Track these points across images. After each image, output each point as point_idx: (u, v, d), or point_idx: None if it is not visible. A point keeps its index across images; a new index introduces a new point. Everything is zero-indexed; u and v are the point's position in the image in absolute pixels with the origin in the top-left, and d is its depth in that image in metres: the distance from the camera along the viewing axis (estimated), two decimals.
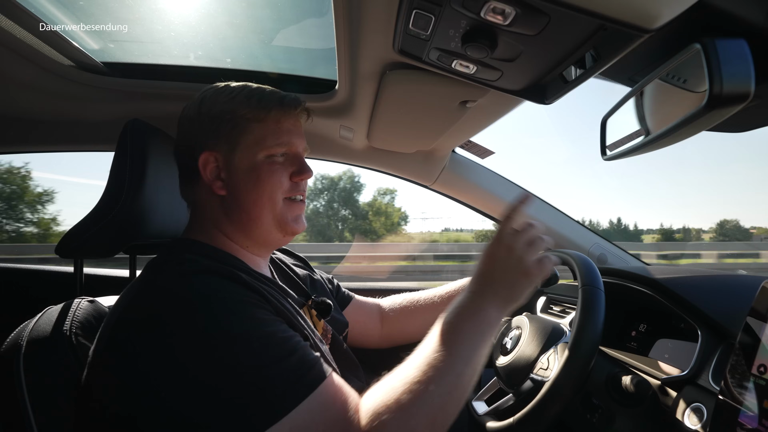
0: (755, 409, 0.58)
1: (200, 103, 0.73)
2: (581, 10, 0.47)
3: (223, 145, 0.71)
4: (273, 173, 0.71)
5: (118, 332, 0.58)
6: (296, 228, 0.76)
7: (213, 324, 0.55)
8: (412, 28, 0.61)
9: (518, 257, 0.68)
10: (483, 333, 0.63)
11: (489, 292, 0.67)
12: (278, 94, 0.74)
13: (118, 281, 1.47)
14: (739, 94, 0.46)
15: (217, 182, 0.72)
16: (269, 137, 0.71)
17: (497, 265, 0.68)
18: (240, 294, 0.60)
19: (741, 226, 31.04)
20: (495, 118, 1.03)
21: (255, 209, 0.72)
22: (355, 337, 1.05)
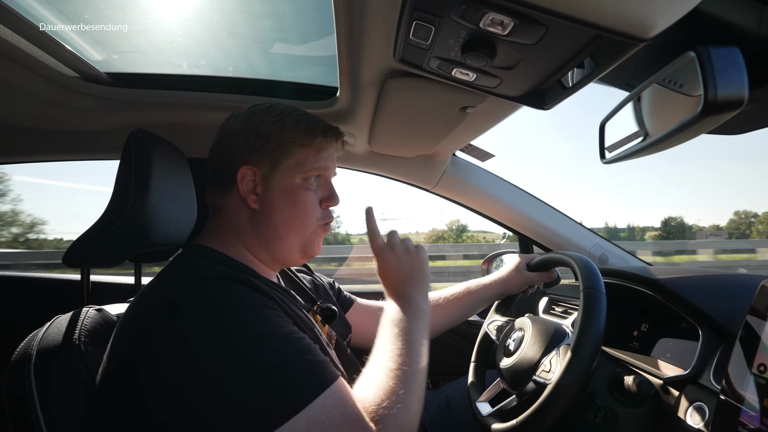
0: (757, 407, 0.59)
1: (248, 118, 0.75)
2: (578, 20, 0.48)
3: (265, 163, 0.73)
4: (307, 198, 0.75)
5: (136, 337, 0.59)
6: (315, 252, 0.79)
7: (231, 325, 0.56)
8: (413, 38, 0.62)
9: (403, 249, 0.83)
10: (423, 319, 0.75)
11: (408, 288, 0.79)
12: (323, 123, 0.77)
13: (124, 288, 1.48)
14: (733, 101, 0.47)
15: (251, 195, 0.73)
16: (309, 161, 0.75)
17: (396, 268, 0.81)
18: (255, 298, 0.62)
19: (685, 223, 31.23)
20: (494, 123, 1.04)
21: (285, 229, 0.74)
22: (358, 339, 1.06)
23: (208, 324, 0.56)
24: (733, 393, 0.62)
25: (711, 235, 21.93)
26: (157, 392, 0.54)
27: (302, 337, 0.61)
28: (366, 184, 31.96)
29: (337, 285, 1.12)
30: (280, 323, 0.60)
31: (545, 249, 1.54)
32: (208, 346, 0.54)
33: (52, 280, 1.58)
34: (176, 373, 0.54)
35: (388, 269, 0.81)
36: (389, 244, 0.84)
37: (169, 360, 0.54)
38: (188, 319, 0.56)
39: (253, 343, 0.56)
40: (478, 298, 1.09)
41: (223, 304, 0.58)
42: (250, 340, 0.56)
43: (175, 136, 1.06)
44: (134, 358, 0.58)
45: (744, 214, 32.81)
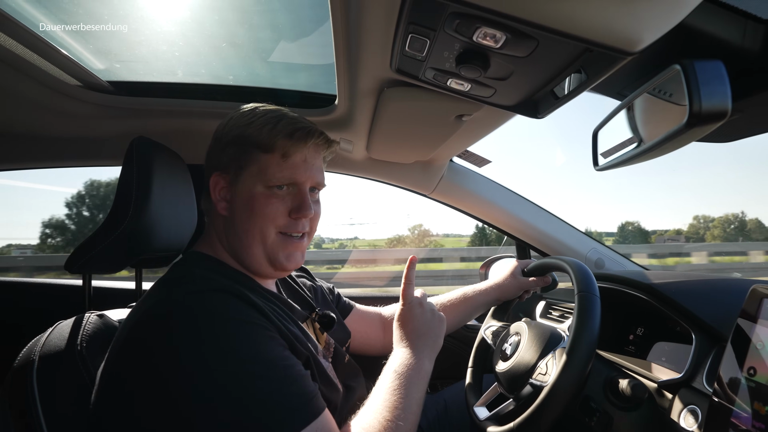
0: (748, 409, 0.60)
1: (226, 123, 0.75)
2: (567, 35, 0.50)
3: (232, 169, 0.72)
4: (268, 206, 0.70)
5: (130, 346, 0.60)
6: (287, 265, 0.74)
7: (222, 345, 0.57)
8: (409, 50, 0.64)
9: (430, 310, 0.86)
10: (423, 380, 0.76)
11: (420, 346, 0.81)
12: (290, 125, 0.71)
13: (125, 294, 1.49)
14: (717, 113, 0.48)
15: (222, 203, 0.74)
16: (271, 170, 0.70)
17: (417, 322, 0.83)
18: (249, 315, 0.62)
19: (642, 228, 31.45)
20: (490, 130, 1.05)
21: (247, 238, 0.72)
22: (357, 346, 1.06)
23: (198, 344, 0.56)
24: (724, 395, 0.64)
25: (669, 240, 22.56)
26: (146, 403, 0.55)
27: (292, 364, 0.62)
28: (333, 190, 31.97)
29: (337, 290, 1.13)
30: (271, 348, 0.61)
31: (542, 254, 1.55)
32: (197, 367, 0.55)
33: (54, 286, 1.59)
34: (161, 389, 0.55)
35: (409, 319, 0.84)
36: (420, 298, 0.87)
37: (156, 375, 0.55)
38: (180, 338, 0.57)
39: (242, 370, 0.56)
40: (475, 304, 1.10)
41: (214, 323, 0.58)
42: (239, 366, 0.56)
43: (176, 143, 1.07)
44: (127, 370, 0.59)
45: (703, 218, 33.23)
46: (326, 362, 0.80)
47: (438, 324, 0.85)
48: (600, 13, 0.47)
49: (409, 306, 0.85)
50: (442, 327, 0.86)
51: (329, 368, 0.79)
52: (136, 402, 0.56)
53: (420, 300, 0.86)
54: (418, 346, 0.80)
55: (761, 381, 0.59)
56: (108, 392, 0.60)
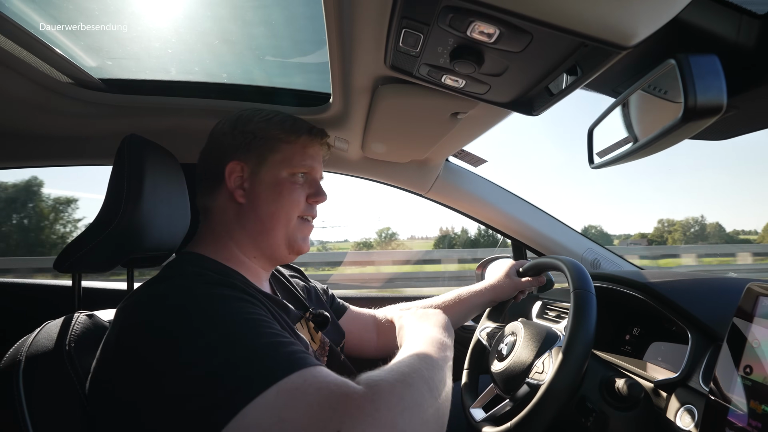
0: (744, 408, 0.59)
1: (236, 119, 0.79)
2: (561, 29, 0.50)
3: (252, 158, 0.76)
4: (293, 191, 0.77)
5: (123, 341, 0.59)
6: (302, 247, 0.81)
7: (215, 324, 0.55)
8: (402, 46, 0.63)
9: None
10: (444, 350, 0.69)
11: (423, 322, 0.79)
12: (308, 123, 0.82)
13: (116, 294, 1.47)
14: (712, 107, 0.48)
15: (238, 190, 0.76)
16: (296, 158, 0.78)
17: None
18: (242, 299, 0.62)
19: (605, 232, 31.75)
20: (486, 129, 1.05)
21: (271, 221, 0.77)
22: (351, 348, 1.06)
23: (190, 329, 0.55)
24: (721, 394, 0.63)
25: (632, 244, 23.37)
26: (138, 394, 0.54)
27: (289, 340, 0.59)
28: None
29: (331, 291, 1.12)
30: (265, 320, 0.59)
31: (538, 254, 1.55)
32: (191, 341, 0.53)
33: (43, 286, 1.57)
34: (156, 378, 0.52)
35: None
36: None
37: (150, 366, 0.54)
38: (171, 325, 0.55)
39: (232, 329, 0.54)
40: (470, 305, 1.10)
41: (208, 302, 0.58)
42: (229, 328, 0.54)
43: (169, 141, 1.06)
44: (118, 365, 0.57)
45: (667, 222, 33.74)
46: (321, 362, 0.79)
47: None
48: (594, 7, 0.46)
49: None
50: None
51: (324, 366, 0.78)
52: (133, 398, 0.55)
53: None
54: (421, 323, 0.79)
55: (757, 379, 0.59)
56: (102, 392, 0.59)
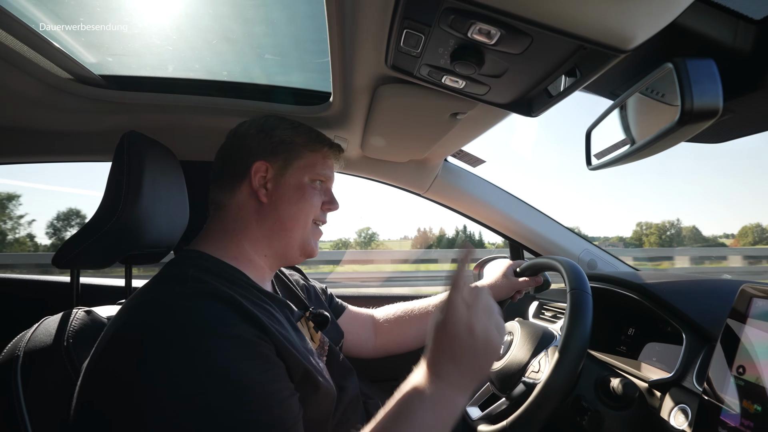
0: (737, 408, 0.60)
1: (263, 124, 0.83)
2: (561, 32, 0.50)
3: (278, 161, 0.80)
4: (313, 196, 0.81)
5: (108, 351, 0.58)
6: (313, 251, 0.84)
7: (203, 361, 0.55)
8: (403, 46, 0.64)
9: (484, 336, 0.60)
10: (447, 425, 0.58)
11: (455, 375, 0.59)
12: (329, 138, 0.87)
13: (114, 291, 1.47)
14: (708, 111, 0.49)
15: (262, 190, 0.78)
16: (318, 166, 0.83)
17: (460, 348, 0.60)
18: (236, 327, 0.60)
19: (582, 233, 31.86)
20: (485, 129, 1.06)
21: (290, 222, 0.79)
22: (349, 348, 1.06)
23: (178, 354, 0.55)
24: (714, 394, 0.64)
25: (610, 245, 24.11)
26: (116, 408, 0.54)
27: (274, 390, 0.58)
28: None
29: (330, 291, 1.13)
30: (253, 367, 0.58)
31: (535, 254, 1.56)
32: (171, 377, 0.53)
33: (41, 282, 1.57)
34: (136, 395, 0.53)
35: (449, 339, 0.60)
36: (470, 313, 0.61)
37: (131, 381, 0.54)
38: (160, 345, 0.55)
39: (221, 390, 0.54)
40: None
41: (199, 335, 0.57)
42: (215, 384, 0.54)
43: (169, 138, 1.06)
44: (102, 372, 0.58)
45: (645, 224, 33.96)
46: (321, 363, 0.79)
47: (490, 354, 0.61)
48: (594, 11, 0.47)
49: (453, 325, 0.60)
50: (494, 356, 0.62)
51: (324, 370, 0.78)
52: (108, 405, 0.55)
53: (471, 319, 0.60)
54: (452, 376, 0.59)
55: (750, 380, 0.60)
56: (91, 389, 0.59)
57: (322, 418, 0.71)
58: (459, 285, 0.62)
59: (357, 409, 0.87)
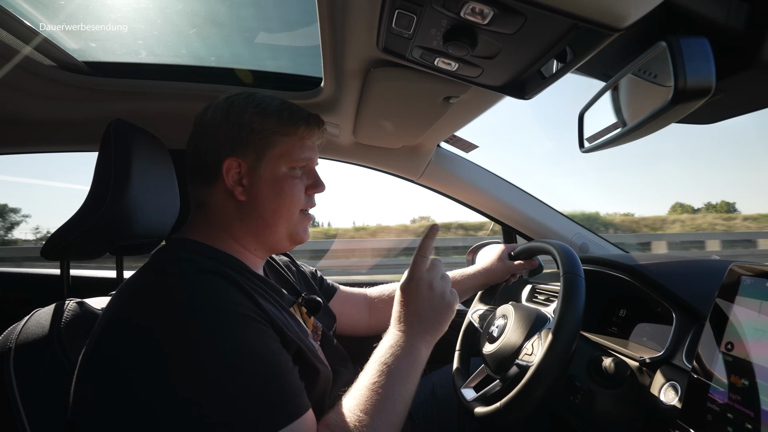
0: (725, 383, 0.62)
1: (228, 108, 0.74)
2: (554, 10, 0.50)
3: (249, 154, 0.73)
4: (294, 187, 0.75)
5: (107, 336, 0.58)
6: (303, 238, 0.80)
7: (204, 337, 0.55)
8: (395, 28, 0.63)
9: (441, 293, 0.75)
10: (416, 370, 0.70)
11: (418, 329, 0.73)
12: (305, 112, 0.78)
13: (105, 282, 1.46)
14: (701, 89, 0.49)
15: (238, 188, 0.73)
16: (294, 151, 0.75)
17: (421, 302, 0.74)
18: (236, 302, 0.60)
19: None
20: (478, 113, 1.05)
21: (273, 218, 0.75)
22: (342, 328, 1.06)
23: (178, 334, 0.55)
24: (703, 371, 0.66)
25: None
26: (117, 397, 0.54)
27: (278, 361, 0.60)
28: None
29: (320, 273, 1.12)
30: (255, 338, 0.59)
31: (528, 238, 1.57)
32: (172, 358, 0.54)
33: (30, 275, 1.55)
34: (136, 381, 0.53)
35: (414, 297, 0.75)
36: (429, 275, 0.76)
37: (132, 366, 0.54)
38: (159, 327, 0.55)
39: (220, 361, 0.54)
40: (463, 288, 1.11)
41: (197, 312, 0.57)
42: (217, 357, 0.55)
43: (156, 127, 1.04)
44: (101, 360, 0.57)
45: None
46: (316, 345, 0.80)
47: (446, 310, 0.75)
48: None
49: (416, 282, 0.75)
50: (449, 313, 0.76)
51: (319, 350, 0.79)
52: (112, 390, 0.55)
53: (430, 279, 0.76)
54: (416, 330, 0.73)
55: (738, 356, 0.61)
56: (92, 376, 0.59)
57: (317, 399, 0.72)
58: (425, 253, 0.77)
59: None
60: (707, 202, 19.83)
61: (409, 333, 0.73)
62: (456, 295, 0.78)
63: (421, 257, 0.76)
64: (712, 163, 74.25)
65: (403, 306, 0.75)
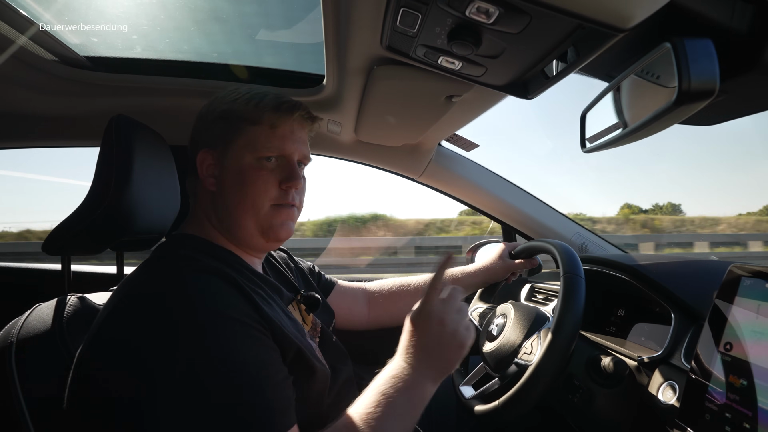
0: (723, 383, 0.62)
1: (211, 102, 0.75)
2: (560, 10, 0.50)
3: (219, 144, 0.72)
4: (259, 178, 0.71)
5: (106, 331, 0.59)
6: (279, 234, 0.74)
7: (195, 342, 0.55)
8: (400, 26, 0.63)
9: (452, 330, 0.69)
10: (417, 408, 0.65)
11: (424, 365, 0.67)
12: (276, 99, 0.73)
13: (106, 278, 1.46)
14: (705, 91, 0.49)
15: (209, 179, 0.73)
16: (261, 140, 0.71)
17: (430, 338, 0.69)
18: (232, 306, 0.60)
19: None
20: (479, 112, 1.05)
21: (237, 211, 0.72)
22: (341, 322, 1.06)
23: (174, 334, 0.55)
24: (701, 371, 0.66)
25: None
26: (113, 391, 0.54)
27: (267, 373, 0.59)
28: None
29: (317, 268, 1.12)
30: (248, 348, 0.58)
31: (528, 238, 1.58)
32: (166, 357, 0.54)
33: (31, 270, 1.54)
34: (130, 377, 0.53)
35: (423, 331, 0.69)
36: (443, 309, 0.70)
37: (126, 363, 0.54)
38: (156, 325, 0.55)
39: (212, 370, 0.54)
40: (463, 285, 1.12)
41: (195, 313, 0.57)
42: (209, 363, 0.54)
43: (158, 122, 1.04)
44: (99, 355, 0.58)
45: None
46: (314, 344, 0.80)
47: (456, 349, 0.69)
48: None
49: (427, 315, 0.69)
50: (460, 353, 0.70)
51: (317, 350, 0.79)
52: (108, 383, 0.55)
53: (443, 314, 0.69)
54: (422, 365, 0.67)
55: (736, 356, 0.62)
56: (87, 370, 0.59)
57: (316, 398, 0.72)
58: (437, 285, 0.71)
59: (351, 390, 0.88)
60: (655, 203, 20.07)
61: (415, 366, 0.67)
62: (471, 331, 0.72)
63: (433, 289, 0.70)
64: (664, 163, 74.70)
65: (411, 337, 0.70)
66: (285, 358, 0.64)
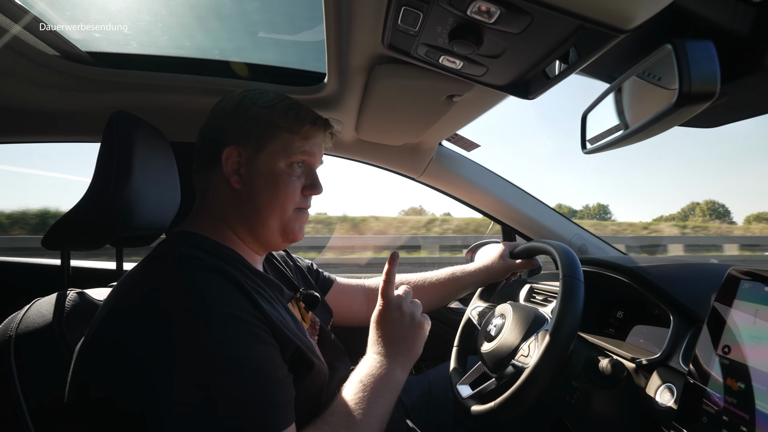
0: (720, 386, 0.62)
1: (240, 100, 0.76)
2: (562, 10, 0.50)
3: (251, 145, 0.74)
4: (289, 184, 0.75)
5: (106, 326, 0.59)
6: (297, 236, 0.79)
7: (195, 339, 0.55)
8: (401, 24, 0.63)
9: (410, 314, 0.82)
10: (391, 392, 0.74)
11: (393, 352, 0.79)
12: (314, 113, 0.78)
13: (105, 274, 1.46)
14: (706, 93, 0.49)
15: (234, 176, 0.74)
16: (295, 145, 0.75)
17: (393, 326, 0.81)
18: (232, 304, 0.60)
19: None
20: (480, 112, 1.05)
21: (265, 212, 0.75)
22: (340, 319, 1.06)
23: (175, 333, 0.55)
24: (699, 373, 0.66)
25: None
26: (112, 387, 0.54)
27: (267, 368, 0.59)
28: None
29: (316, 266, 1.12)
30: (249, 345, 0.59)
31: (527, 238, 1.58)
32: (167, 356, 0.54)
33: (30, 265, 1.55)
34: (130, 374, 0.53)
35: (386, 321, 0.82)
36: (399, 300, 0.84)
37: (126, 359, 0.54)
38: (157, 323, 0.55)
39: (212, 366, 0.54)
40: (463, 284, 1.12)
41: (196, 312, 0.57)
42: (209, 361, 0.54)
43: (158, 119, 1.04)
44: (98, 351, 0.58)
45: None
46: (313, 341, 0.80)
47: (417, 329, 0.82)
48: None
49: (387, 307, 0.83)
50: (421, 334, 0.82)
51: (316, 347, 0.79)
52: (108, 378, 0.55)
53: (399, 302, 0.83)
54: (391, 353, 0.78)
55: (735, 359, 0.62)
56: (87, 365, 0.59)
57: (314, 395, 0.72)
58: (389, 278, 0.84)
59: None
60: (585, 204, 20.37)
61: (384, 355, 0.78)
62: (428, 319, 0.84)
63: (387, 283, 0.84)
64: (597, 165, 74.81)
65: (376, 330, 0.82)
66: (285, 355, 0.65)
